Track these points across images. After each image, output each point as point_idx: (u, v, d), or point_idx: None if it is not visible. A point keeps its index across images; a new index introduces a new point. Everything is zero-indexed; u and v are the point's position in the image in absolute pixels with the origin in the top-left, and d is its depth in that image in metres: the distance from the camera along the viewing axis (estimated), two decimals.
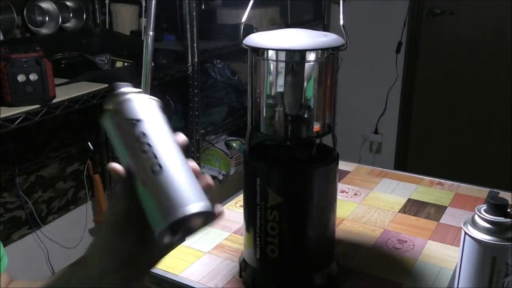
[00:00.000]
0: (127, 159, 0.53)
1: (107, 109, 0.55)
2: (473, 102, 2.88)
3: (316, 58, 0.79)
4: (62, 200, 2.30)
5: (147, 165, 0.52)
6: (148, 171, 0.51)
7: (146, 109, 0.55)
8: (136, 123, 0.53)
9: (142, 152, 0.52)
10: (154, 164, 0.52)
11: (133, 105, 0.55)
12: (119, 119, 0.54)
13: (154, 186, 0.51)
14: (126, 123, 0.54)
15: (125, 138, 0.54)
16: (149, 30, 1.17)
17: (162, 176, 0.51)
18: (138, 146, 0.53)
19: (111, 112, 0.55)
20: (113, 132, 0.55)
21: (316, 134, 0.82)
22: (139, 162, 0.52)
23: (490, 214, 0.69)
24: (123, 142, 0.54)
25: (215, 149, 2.40)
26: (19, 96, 1.40)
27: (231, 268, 0.92)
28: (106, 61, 1.83)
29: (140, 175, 0.52)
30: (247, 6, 0.81)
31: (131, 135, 0.53)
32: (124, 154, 0.53)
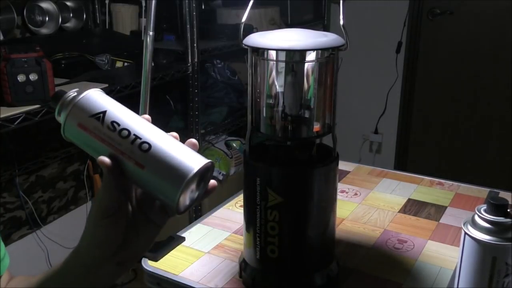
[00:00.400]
0: (110, 151, 0.54)
1: (64, 117, 0.55)
2: (473, 102, 2.88)
3: (316, 58, 0.79)
4: (62, 200, 2.30)
5: (134, 148, 0.53)
6: (139, 152, 0.53)
7: (101, 100, 0.56)
8: (103, 116, 0.54)
9: (123, 139, 0.53)
10: (141, 143, 0.53)
11: (87, 102, 0.55)
12: (82, 121, 0.54)
13: (152, 162, 0.53)
14: (93, 121, 0.54)
15: (99, 134, 0.54)
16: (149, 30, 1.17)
17: (154, 150, 0.53)
18: (116, 135, 0.53)
19: (70, 119, 0.55)
20: (83, 136, 0.55)
21: (316, 134, 0.82)
22: (125, 148, 0.53)
23: (490, 214, 0.69)
24: (99, 138, 0.54)
25: (215, 149, 2.39)
26: (19, 96, 1.40)
27: (231, 268, 0.92)
28: (106, 61, 1.83)
29: (131, 159, 0.53)
30: (247, 6, 0.81)
31: (104, 128, 0.54)
32: (104, 148, 0.54)
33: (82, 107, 0.55)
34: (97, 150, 0.54)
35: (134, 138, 0.53)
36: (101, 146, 0.54)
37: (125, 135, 0.53)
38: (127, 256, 0.56)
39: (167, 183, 0.53)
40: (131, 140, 0.53)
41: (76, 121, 0.54)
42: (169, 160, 0.53)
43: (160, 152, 0.53)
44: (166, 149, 0.53)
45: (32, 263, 2.15)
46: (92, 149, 0.55)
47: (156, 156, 0.53)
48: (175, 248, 0.98)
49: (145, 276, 0.93)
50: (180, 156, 0.53)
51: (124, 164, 0.53)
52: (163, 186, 0.53)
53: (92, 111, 0.54)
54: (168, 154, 0.53)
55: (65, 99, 0.55)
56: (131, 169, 0.53)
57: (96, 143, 0.54)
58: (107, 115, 0.54)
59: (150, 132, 0.54)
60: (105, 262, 0.55)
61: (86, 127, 0.54)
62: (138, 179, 0.54)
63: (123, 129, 0.54)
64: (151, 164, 0.53)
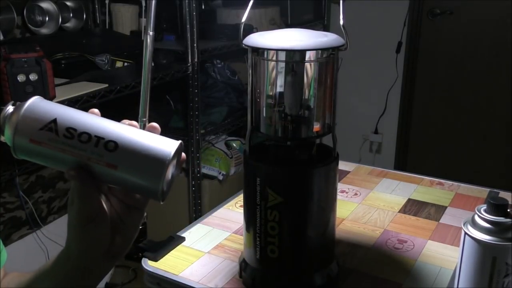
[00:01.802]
0: (74, 159, 0.50)
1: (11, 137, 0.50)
2: (473, 102, 2.88)
3: (316, 58, 0.79)
4: (62, 200, 2.30)
5: (100, 149, 0.50)
6: (106, 152, 0.50)
7: (46, 108, 0.51)
8: (55, 125, 0.50)
9: (85, 143, 0.50)
10: (106, 143, 0.50)
11: (32, 114, 0.50)
12: (33, 135, 0.50)
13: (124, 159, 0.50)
14: (45, 132, 0.50)
15: (56, 145, 0.50)
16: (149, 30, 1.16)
17: (122, 147, 0.50)
18: (76, 142, 0.50)
19: (19, 137, 0.50)
20: (39, 151, 0.50)
21: (316, 134, 0.82)
22: (91, 153, 0.50)
23: (490, 214, 0.69)
24: (57, 149, 0.50)
25: (215, 149, 2.39)
26: (19, 96, 1.40)
27: (231, 268, 0.92)
28: (106, 61, 1.83)
29: (101, 162, 0.50)
30: (247, 6, 0.81)
31: (61, 137, 0.50)
32: (67, 159, 0.50)
33: (28, 120, 0.50)
34: (59, 162, 0.51)
35: (96, 140, 0.50)
36: (63, 156, 0.50)
37: (86, 139, 0.50)
38: (119, 247, 0.56)
39: (145, 177, 0.50)
40: (94, 143, 0.50)
41: (26, 137, 0.50)
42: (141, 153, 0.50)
43: (129, 147, 0.50)
44: (134, 142, 0.50)
45: (32, 263, 2.15)
46: (53, 162, 0.51)
47: (126, 152, 0.50)
48: (175, 248, 0.98)
49: (145, 276, 0.93)
50: (150, 145, 0.50)
51: (93, 168, 0.50)
52: (142, 180, 0.50)
53: (41, 122, 0.50)
54: (138, 147, 0.50)
55: (5, 115, 0.50)
56: (103, 171, 0.50)
57: (57, 155, 0.50)
58: (59, 123, 0.50)
59: (110, 129, 0.51)
60: (99, 261, 0.55)
61: (40, 141, 0.50)
62: (113, 180, 0.51)
63: (81, 133, 0.50)
64: (124, 161, 0.50)
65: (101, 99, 1.63)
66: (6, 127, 0.50)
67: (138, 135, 0.51)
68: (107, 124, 0.51)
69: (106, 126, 0.51)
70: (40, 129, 0.50)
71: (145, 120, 1.13)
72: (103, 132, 0.50)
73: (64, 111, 0.51)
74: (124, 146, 0.50)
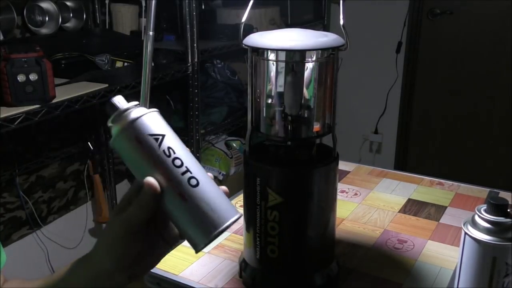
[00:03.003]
0: (157, 174, 0.54)
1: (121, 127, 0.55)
2: (473, 102, 2.88)
3: (316, 58, 0.79)
4: (62, 200, 2.30)
5: (184, 179, 0.54)
6: (186, 185, 0.54)
7: (161, 123, 0.56)
8: (161, 139, 0.54)
9: (175, 167, 0.54)
10: (191, 178, 0.54)
11: (150, 120, 0.55)
12: (140, 137, 0.54)
13: (195, 199, 0.54)
14: (150, 140, 0.54)
15: (152, 155, 0.54)
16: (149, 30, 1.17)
17: (200, 189, 0.54)
18: (169, 161, 0.54)
19: (128, 130, 0.55)
20: (135, 151, 0.54)
21: (316, 134, 0.82)
22: (174, 176, 0.54)
23: (490, 214, 0.69)
24: (151, 157, 0.54)
25: (215, 149, 2.40)
26: (19, 96, 1.40)
27: (231, 268, 0.92)
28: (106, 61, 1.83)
29: (177, 189, 0.54)
30: (247, 6, 0.81)
31: (159, 150, 0.54)
32: (152, 170, 0.54)
33: (144, 123, 0.55)
34: (142, 169, 0.54)
35: (185, 170, 0.54)
36: (150, 167, 0.54)
37: (178, 165, 0.54)
38: (138, 270, 0.58)
39: (201, 226, 0.54)
40: (182, 172, 0.54)
41: (134, 134, 0.54)
42: (211, 205, 0.54)
43: (205, 193, 0.54)
44: (211, 192, 0.54)
45: (32, 263, 2.15)
46: (138, 166, 0.55)
47: (201, 196, 0.54)
48: (175, 248, 0.98)
49: (145, 276, 0.93)
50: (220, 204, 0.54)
51: (165, 191, 0.54)
52: (196, 227, 0.54)
53: (153, 131, 0.55)
54: (211, 198, 0.54)
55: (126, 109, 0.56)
56: (171, 198, 0.54)
57: (146, 162, 0.54)
58: (165, 139, 0.55)
59: (198, 169, 0.55)
60: (117, 274, 0.56)
61: (142, 143, 0.54)
62: (173, 209, 0.54)
63: (176, 158, 0.54)
64: (194, 201, 0.53)
65: (101, 99, 1.63)
66: (123, 119, 0.55)
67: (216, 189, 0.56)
68: (197, 165, 0.56)
69: (196, 165, 0.56)
70: (149, 134, 0.54)
71: None
72: (193, 168, 0.55)
73: (172, 134, 0.56)
74: (202, 189, 0.54)
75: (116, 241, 0.55)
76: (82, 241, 2.35)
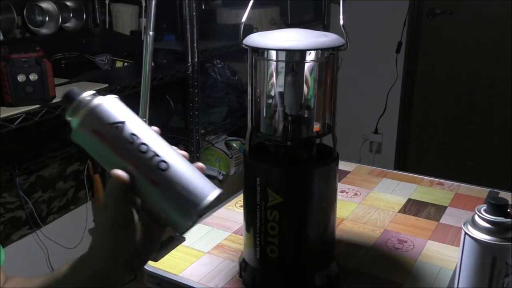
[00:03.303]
0: (124, 163, 0.52)
1: (78, 120, 0.52)
2: (473, 102, 2.88)
3: (316, 58, 0.79)
4: (62, 200, 2.30)
5: (152, 164, 0.51)
6: (156, 169, 0.51)
7: (120, 109, 0.53)
8: (122, 126, 0.52)
9: (141, 153, 0.52)
10: (160, 162, 0.52)
11: (106, 108, 0.52)
12: (99, 127, 0.52)
13: (167, 183, 0.51)
14: (110, 129, 0.52)
15: (115, 144, 0.52)
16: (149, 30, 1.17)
17: (171, 172, 0.52)
18: (134, 148, 0.52)
19: (85, 123, 0.52)
20: (96, 143, 0.52)
21: (316, 134, 0.82)
22: (142, 163, 0.52)
23: (490, 214, 0.69)
24: (114, 147, 0.52)
25: (215, 149, 2.39)
26: (19, 96, 1.41)
27: (231, 268, 0.92)
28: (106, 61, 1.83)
29: (147, 175, 0.52)
30: (247, 6, 0.81)
31: (122, 138, 0.52)
32: (118, 160, 0.52)
33: (101, 112, 0.52)
34: (108, 160, 0.52)
35: (153, 155, 0.52)
36: (115, 157, 0.52)
37: (144, 150, 0.52)
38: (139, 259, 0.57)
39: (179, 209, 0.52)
40: (149, 157, 0.52)
41: (92, 126, 0.52)
42: (185, 186, 0.51)
43: (177, 174, 0.52)
44: (183, 173, 0.52)
45: (32, 263, 2.15)
46: (103, 157, 0.53)
47: (173, 178, 0.51)
48: (175, 248, 0.98)
49: (145, 276, 0.93)
50: (195, 183, 0.52)
51: (137, 178, 0.52)
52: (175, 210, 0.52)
53: (111, 119, 0.52)
54: (184, 178, 0.52)
55: (81, 100, 0.53)
56: (144, 185, 0.52)
57: (110, 153, 0.52)
58: (126, 126, 0.52)
59: (167, 151, 0.53)
60: (117, 269, 0.56)
61: (102, 134, 0.52)
62: (148, 196, 0.53)
63: (142, 143, 0.52)
64: (167, 185, 0.51)
65: None
66: (78, 111, 0.52)
67: (188, 168, 0.53)
68: (165, 146, 0.53)
69: (164, 147, 0.53)
70: (108, 124, 0.52)
71: (145, 120, 1.13)
72: (161, 151, 0.52)
73: (134, 119, 0.53)
74: (173, 171, 0.52)
75: (106, 238, 0.54)
76: (82, 241, 2.35)
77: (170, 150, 0.54)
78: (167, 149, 0.53)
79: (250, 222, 0.82)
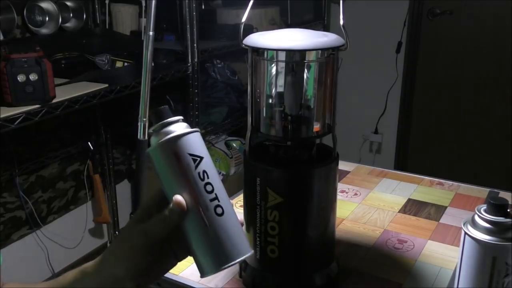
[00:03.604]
0: (186, 194, 0.54)
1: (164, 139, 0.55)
2: (473, 102, 2.88)
3: (316, 58, 0.79)
4: (62, 200, 2.30)
5: (211, 206, 0.54)
6: (212, 212, 0.54)
7: (201, 144, 0.57)
8: (199, 160, 0.55)
9: (206, 192, 0.54)
10: (218, 206, 0.55)
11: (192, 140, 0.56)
12: (179, 153, 0.54)
13: (216, 228, 0.54)
14: (189, 159, 0.55)
15: (186, 174, 0.54)
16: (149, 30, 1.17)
17: (223, 219, 0.55)
18: (201, 185, 0.54)
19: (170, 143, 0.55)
20: (170, 165, 0.55)
21: (316, 134, 0.82)
22: (202, 201, 0.54)
23: (490, 214, 0.69)
24: (184, 177, 0.54)
25: (215, 149, 2.39)
26: (19, 96, 1.40)
27: (231, 268, 0.91)
28: (106, 61, 1.83)
29: (202, 213, 0.54)
30: (247, 6, 0.81)
31: (194, 172, 0.54)
32: (182, 188, 0.54)
33: (187, 141, 0.55)
34: (172, 185, 0.55)
35: (214, 197, 0.55)
36: (181, 185, 0.54)
37: (209, 190, 0.54)
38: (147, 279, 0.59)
39: (214, 256, 0.54)
40: (211, 198, 0.54)
41: (174, 150, 0.55)
42: (230, 237, 0.54)
43: (228, 224, 0.55)
44: (232, 225, 0.55)
45: (32, 263, 2.15)
46: (169, 180, 0.55)
47: (223, 226, 0.54)
48: None
49: None
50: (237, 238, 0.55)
51: (190, 212, 0.54)
52: (210, 255, 0.55)
53: (193, 151, 0.55)
54: (231, 231, 0.55)
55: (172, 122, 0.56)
56: (193, 220, 0.54)
57: (178, 179, 0.54)
58: (202, 162, 0.55)
59: (226, 199, 0.56)
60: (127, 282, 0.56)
61: (180, 160, 0.54)
62: (192, 232, 0.55)
63: (209, 183, 0.55)
64: (215, 229, 0.54)
65: (101, 99, 1.63)
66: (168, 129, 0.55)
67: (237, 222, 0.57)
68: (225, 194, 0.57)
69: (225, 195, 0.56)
70: (189, 153, 0.55)
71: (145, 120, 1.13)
72: (221, 196, 0.55)
73: (209, 158, 0.57)
74: (226, 220, 0.55)
75: (133, 250, 0.56)
76: (82, 241, 2.35)
77: (228, 200, 0.57)
78: (226, 198, 0.56)
79: (250, 222, 0.82)
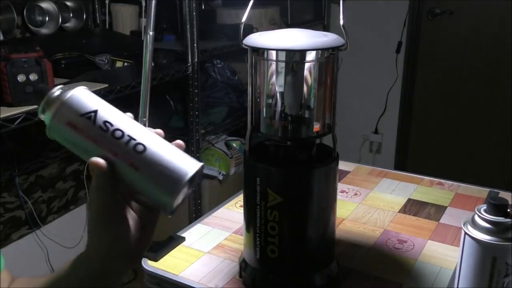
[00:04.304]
0: (101, 152, 0.52)
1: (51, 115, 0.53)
2: (473, 102, 2.88)
3: (316, 58, 0.79)
4: (62, 200, 2.30)
5: (129, 149, 0.52)
6: (134, 153, 0.52)
7: (91, 99, 0.54)
8: (94, 115, 0.53)
9: (117, 139, 0.52)
10: (136, 145, 0.52)
11: (77, 99, 0.53)
12: (72, 119, 0.52)
13: (147, 164, 0.52)
14: (84, 120, 0.52)
15: (90, 134, 0.52)
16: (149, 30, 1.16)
17: (149, 153, 0.52)
18: (109, 135, 0.52)
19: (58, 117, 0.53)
20: (72, 135, 0.53)
21: (316, 134, 0.82)
22: (119, 149, 0.52)
23: (490, 214, 0.69)
24: (89, 137, 0.52)
25: (215, 149, 2.39)
26: (19, 96, 1.40)
27: (231, 268, 0.92)
28: (106, 61, 1.83)
29: (126, 160, 0.52)
30: (247, 6, 0.81)
31: (96, 128, 0.52)
32: (95, 149, 0.52)
33: (71, 105, 0.53)
34: (86, 151, 0.53)
35: (128, 139, 0.52)
36: (92, 146, 0.52)
37: (119, 136, 0.52)
38: (137, 249, 0.57)
39: (162, 187, 0.52)
40: (125, 141, 0.52)
41: (64, 119, 0.52)
42: (165, 164, 0.52)
43: (155, 154, 0.52)
44: (161, 151, 0.52)
45: (32, 263, 2.15)
46: (80, 149, 0.53)
47: (152, 159, 0.52)
48: (175, 248, 0.98)
49: (145, 276, 0.93)
50: (174, 159, 0.52)
51: (116, 165, 0.52)
52: (158, 189, 0.52)
53: (83, 110, 0.53)
54: (163, 157, 0.52)
55: (50, 96, 0.53)
56: (125, 170, 0.52)
57: (87, 143, 0.53)
58: (98, 114, 0.53)
59: (142, 133, 0.53)
60: (116, 262, 0.55)
61: (76, 126, 0.52)
62: (131, 181, 0.53)
63: (116, 129, 0.52)
64: (147, 166, 0.52)
65: None
66: (50, 106, 0.53)
67: (166, 146, 0.54)
68: (141, 129, 0.54)
69: (139, 130, 0.54)
70: (80, 115, 0.52)
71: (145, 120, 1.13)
72: (136, 134, 0.53)
73: (106, 107, 0.54)
74: (151, 152, 0.52)
75: (96, 230, 0.54)
76: (82, 241, 2.35)
77: (146, 131, 0.54)
78: (142, 131, 0.54)
79: (250, 222, 0.82)
